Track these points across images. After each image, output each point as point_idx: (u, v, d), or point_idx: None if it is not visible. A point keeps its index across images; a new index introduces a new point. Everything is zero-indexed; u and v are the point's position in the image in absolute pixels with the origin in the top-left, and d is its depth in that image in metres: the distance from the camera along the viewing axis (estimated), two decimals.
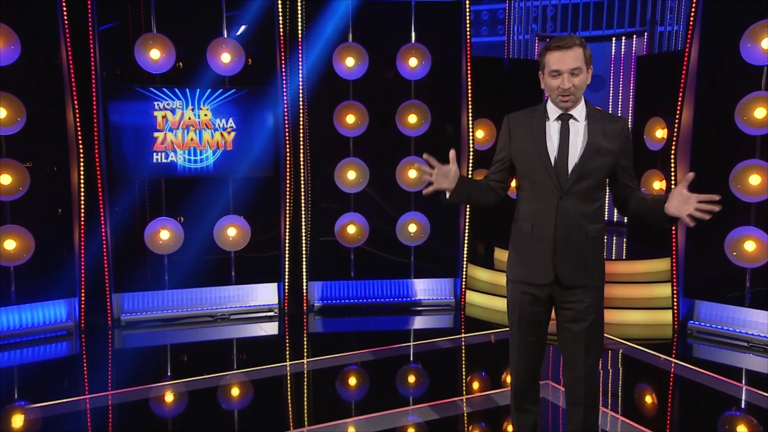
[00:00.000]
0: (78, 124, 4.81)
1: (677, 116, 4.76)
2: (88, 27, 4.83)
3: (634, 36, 7.95)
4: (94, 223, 5.01)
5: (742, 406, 3.77)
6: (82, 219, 4.92)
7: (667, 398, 3.97)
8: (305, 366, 4.36)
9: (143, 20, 5.28)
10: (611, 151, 2.36)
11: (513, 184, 2.56)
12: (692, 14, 4.66)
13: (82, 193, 4.89)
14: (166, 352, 4.82)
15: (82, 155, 4.85)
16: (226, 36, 5.27)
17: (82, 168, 4.87)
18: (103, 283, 5.09)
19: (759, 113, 4.44)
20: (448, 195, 2.41)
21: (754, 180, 4.50)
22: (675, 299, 4.97)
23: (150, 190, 5.52)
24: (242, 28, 5.42)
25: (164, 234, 5.24)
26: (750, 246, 4.57)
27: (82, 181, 4.88)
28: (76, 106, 4.79)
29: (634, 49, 7.86)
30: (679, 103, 4.74)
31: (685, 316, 4.98)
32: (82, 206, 4.91)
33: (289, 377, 4.19)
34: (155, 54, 5.03)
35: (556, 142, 2.37)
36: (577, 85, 2.31)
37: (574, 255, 2.38)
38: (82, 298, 5.01)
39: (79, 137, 4.83)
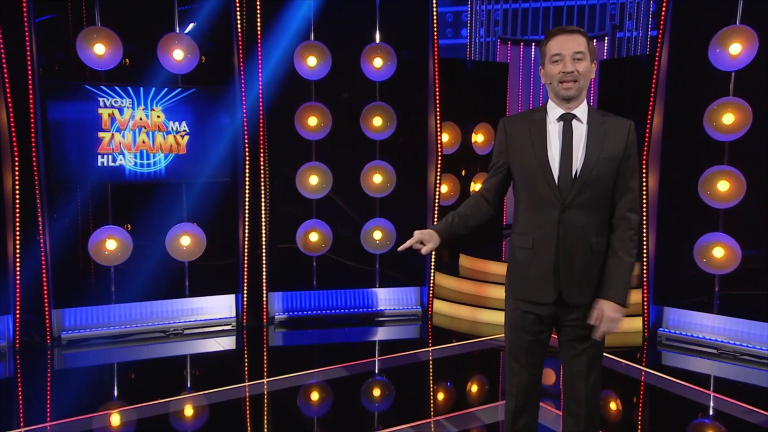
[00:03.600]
0: (12, 124, 4.42)
1: (648, 122, 4.71)
2: (23, 19, 4.43)
3: (594, 40, 7.98)
4: (31, 233, 4.61)
5: (711, 413, 3.72)
6: (17, 228, 4.52)
7: (637, 407, 3.89)
8: (265, 386, 4.08)
9: (85, 12, 4.91)
10: (615, 157, 2.16)
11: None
12: (662, 20, 4.62)
13: (17, 200, 4.49)
14: (112, 374, 4.45)
15: (17, 158, 4.46)
16: (178, 31, 4.94)
17: (17, 172, 4.47)
18: (42, 297, 4.68)
19: (727, 119, 4.43)
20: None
21: (723, 186, 4.49)
22: (645, 306, 4.92)
23: (94, 196, 5.19)
24: (191, 25, 5.09)
25: (110, 244, 4.86)
26: (719, 252, 4.56)
27: (17, 186, 4.49)
28: (10, 105, 4.40)
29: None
30: (650, 108, 4.69)
31: (654, 323, 4.94)
32: (17, 214, 4.51)
33: (248, 399, 3.90)
34: (99, 49, 4.65)
35: (558, 149, 2.16)
36: (581, 71, 2.12)
37: (578, 272, 2.18)
38: (17, 315, 4.59)
39: (14, 138, 4.44)
